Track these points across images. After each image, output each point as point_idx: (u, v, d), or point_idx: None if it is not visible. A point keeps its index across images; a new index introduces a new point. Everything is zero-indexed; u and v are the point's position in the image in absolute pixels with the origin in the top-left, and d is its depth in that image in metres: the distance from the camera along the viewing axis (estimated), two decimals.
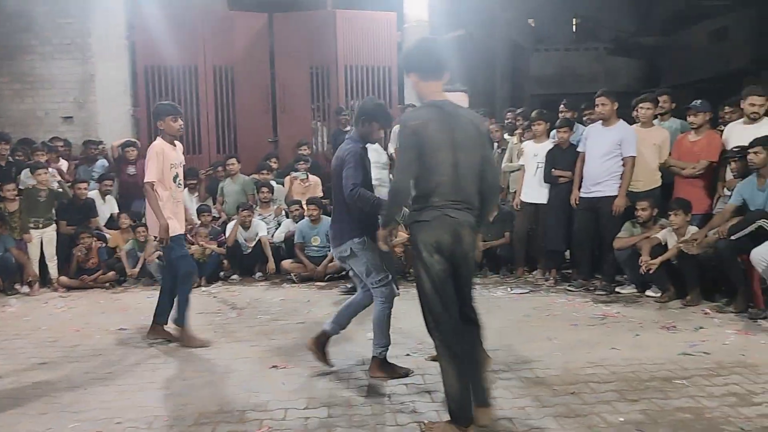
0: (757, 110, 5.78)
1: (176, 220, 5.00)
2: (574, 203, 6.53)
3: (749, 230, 5.18)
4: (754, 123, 5.79)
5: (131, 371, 4.35)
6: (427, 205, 3.15)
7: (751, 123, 5.81)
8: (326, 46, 9.61)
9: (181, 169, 5.15)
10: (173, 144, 5.05)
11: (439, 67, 3.27)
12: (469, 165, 3.19)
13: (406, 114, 3.22)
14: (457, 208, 3.16)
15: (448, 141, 3.13)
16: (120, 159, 8.79)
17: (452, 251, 3.15)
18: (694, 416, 3.33)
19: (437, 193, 3.14)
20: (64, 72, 9.38)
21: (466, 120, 3.25)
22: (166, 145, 4.98)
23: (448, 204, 3.14)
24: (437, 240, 3.13)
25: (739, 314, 5.26)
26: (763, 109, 5.80)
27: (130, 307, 6.45)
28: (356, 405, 3.62)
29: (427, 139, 3.11)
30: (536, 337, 4.86)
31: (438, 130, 3.13)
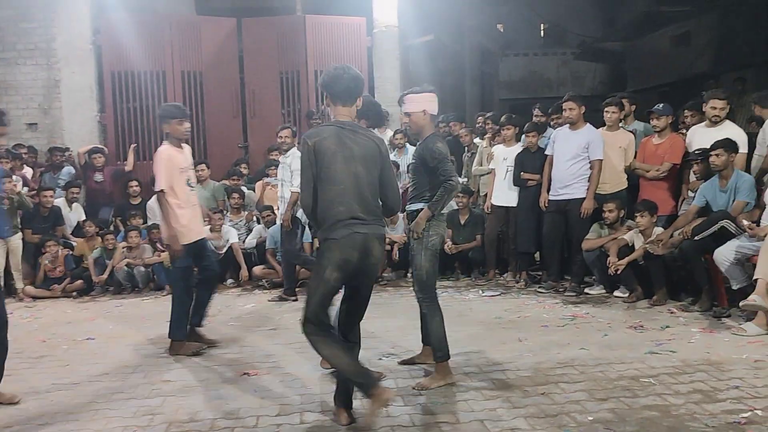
0: (718, 113, 5.92)
1: (195, 225, 4.89)
2: (543, 206, 6.61)
3: (712, 230, 5.29)
4: (715, 126, 5.92)
5: (99, 381, 4.28)
6: (336, 221, 3.25)
7: (712, 126, 5.95)
8: (296, 51, 9.59)
9: (192, 172, 5.02)
10: (180, 147, 4.88)
11: (347, 94, 3.35)
12: (370, 179, 3.34)
13: (306, 132, 3.40)
14: (365, 222, 3.28)
15: (345, 153, 3.28)
16: (87, 166, 8.65)
17: (358, 267, 3.30)
18: (661, 414, 3.39)
19: (341, 203, 3.24)
20: (29, 78, 9.21)
21: (366, 138, 3.39)
22: (173, 149, 4.81)
23: (356, 220, 3.25)
24: (345, 258, 3.26)
25: (703, 313, 5.38)
26: (724, 112, 5.95)
27: (97, 316, 6.35)
28: (329, 411, 3.60)
29: (324, 151, 3.26)
30: (507, 339, 4.91)
31: (335, 143, 3.28)
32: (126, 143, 9.25)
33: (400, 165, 8.53)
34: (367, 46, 9.86)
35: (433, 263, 3.99)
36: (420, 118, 4.06)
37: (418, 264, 3.99)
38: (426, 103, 4.05)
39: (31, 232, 7.58)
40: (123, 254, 7.41)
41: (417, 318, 5.60)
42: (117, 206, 8.48)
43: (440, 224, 4.07)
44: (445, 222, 4.26)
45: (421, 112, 4.05)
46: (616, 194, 6.39)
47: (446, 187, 3.89)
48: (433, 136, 4.04)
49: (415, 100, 4.06)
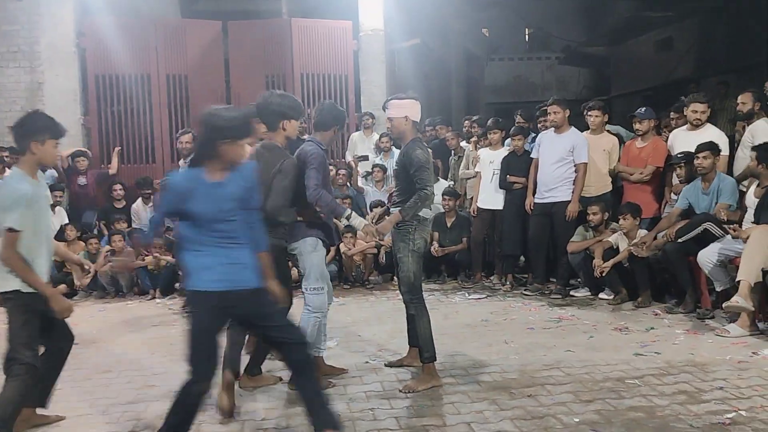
0: (699, 117, 5.99)
1: None
2: (528, 209, 6.64)
3: (695, 233, 5.34)
4: (696, 129, 5.99)
5: (81, 387, 4.23)
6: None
7: (693, 129, 6.02)
8: (282, 55, 9.56)
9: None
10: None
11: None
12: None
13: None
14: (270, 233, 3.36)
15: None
16: (70, 169, 8.56)
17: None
18: (647, 415, 3.41)
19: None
20: (11, 80, 9.09)
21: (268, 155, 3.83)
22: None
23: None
24: None
25: (687, 314, 5.42)
26: (705, 116, 6.02)
27: (81, 320, 6.26)
28: None
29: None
30: (494, 341, 4.92)
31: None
32: (110, 146, 9.16)
33: (387, 168, 8.55)
34: (353, 50, 9.86)
35: (420, 265, 4.08)
36: (401, 124, 4.10)
37: (405, 267, 4.04)
38: (409, 109, 4.09)
39: None
40: (107, 258, 7.33)
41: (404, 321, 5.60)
42: (101, 210, 8.40)
43: (425, 228, 4.12)
44: (430, 226, 4.29)
45: (403, 118, 4.09)
46: (600, 197, 6.43)
47: (420, 195, 3.94)
48: (414, 143, 4.07)
49: (398, 105, 4.11)
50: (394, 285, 7.33)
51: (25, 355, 3.23)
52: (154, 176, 8.79)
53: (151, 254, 7.32)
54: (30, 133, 3.30)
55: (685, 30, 14.53)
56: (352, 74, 9.83)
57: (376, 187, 8.48)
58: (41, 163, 3.44)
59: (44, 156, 3.37)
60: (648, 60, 15.93)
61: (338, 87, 9.71)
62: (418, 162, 3.95)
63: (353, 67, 9.83)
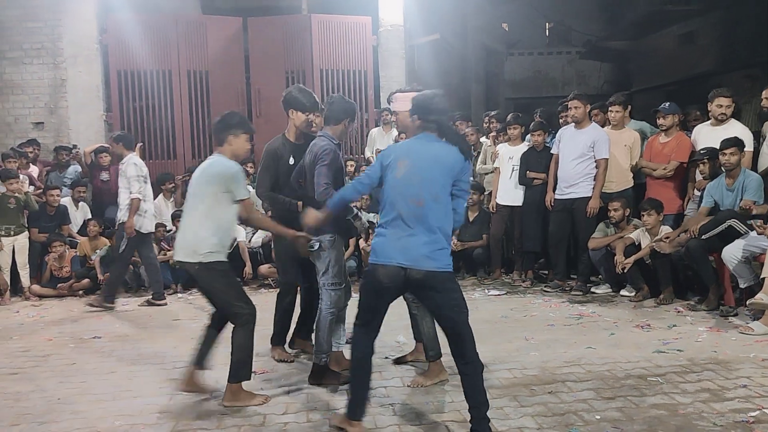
0: (723, 111, 5.90)
1: None
2: (548, 205, 6.60)
3: (720, 229, 5.28)
4: (721, 124, 5.90)
5: (106, 380, 4.29)
6: None
7: (718, 124, 5.93)
8: (302, 50, 9.59)
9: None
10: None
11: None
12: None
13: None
14: None
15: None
16: (93, 165, 8.66)
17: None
18: (669, 413, 3.38)
19: None
20: (35, 77, 9.23)
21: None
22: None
23: None
24: None
25: (710, 312, 5.37)
26: (730, 110, 5.93)
27: (103, 315, 6.36)
28: (335, 409, 3.61)
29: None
30: (513, 338, 4.90)
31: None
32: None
33: None
34: (372, 45, 9.85)
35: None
36: (406, 117, 4.06)
37: None
38: None
39: (38, 231, 7.61)
40: None
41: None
42: None
43: None
44: None
45: (408, 111, 4.06)
46: (622, 193, 6.38)
47: None
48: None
49: (403, 98, 4.05)
50: None
51: (242, 306, 3.74)
52: (176, 172, 8.88)
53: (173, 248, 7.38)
54: (227, 127, 3.81)
55: (708, 23, 14.32)
56: (372, 70, 9.82)
57: None
58: (235, 154, 3.83)
59: (238, 147, 3.82)
60: (670, 54, 15.72)
61: (357, 83, 9.71)
62: None
63: (372, 62, 9.83)
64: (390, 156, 3.30)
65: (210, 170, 3.76)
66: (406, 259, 3.08)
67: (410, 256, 3.07)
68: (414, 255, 3.07)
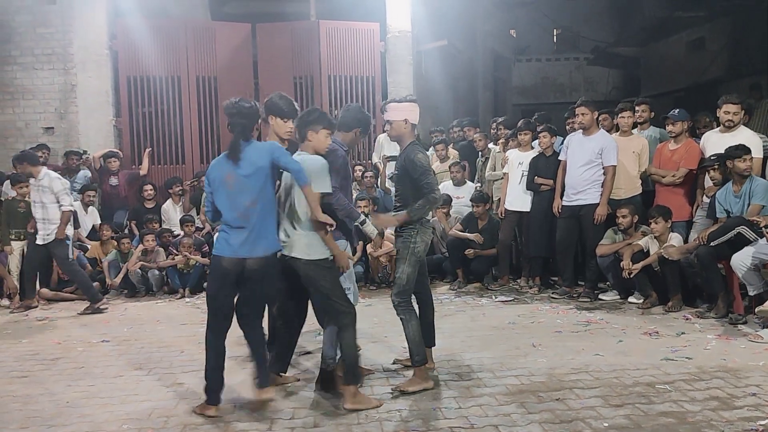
0: (731, 118, 5.88)
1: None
2: (556, 211, 6.58)
3: (729, 236, 5.25)
4: (730, 131, 5.88)
5: (113, 384, 4.31)
6: None
7: (726, 131, 5.91)
8: (310, 56, 9.63)
9: None
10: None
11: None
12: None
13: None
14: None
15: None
16: (102, 170, 8.72)
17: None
18: (678, 420, 3.37)
19: None
20: (45, 82, 9.31)
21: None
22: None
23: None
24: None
25: (719, 319, 5.33)
26: (738, 117, 5.90)
27: (112, 319, 6.39)
28: (343, 413, 3.61)
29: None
30: (521, 344, 4.89)
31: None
32: (141, 147, 9.32)
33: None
34: (380, 51, 9.88)
35: (415, 269, 4.04)
36: (401, 127, 4.09)
37: (401, 269, 4.03)
38: (407, 112, 4.08)
39: None
40: (138, 257, 7.45)
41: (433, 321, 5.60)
42: (132, 210, 8.55)
43: (426, 231, 4.09)
44: (431, 229, 4.26)
45: (402, 121, 4.08)
46: (630, 199, 6.36)
47: (429, 199, 3.94)
48: (413, 146, 4.07)
49: (397, 108, 4.10)
50: None
51: (346, 305, 3.81)
52: (184, 177, 8.93)
53: (181, 253, 7.43)
54: (305, 124, 3.87)
55: (718, 30, 14.29)
56: (380, 76, 9.85)
57: None
58: (316, 149, 3.86)
59: (318, 143, 3.86)
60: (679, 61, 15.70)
61: (365, 89, 9.74)
62: (422, 166, 3.95)
63: (380, 68, 9.85)
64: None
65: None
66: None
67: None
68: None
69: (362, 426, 3.44)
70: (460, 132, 8.91)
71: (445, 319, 5.80)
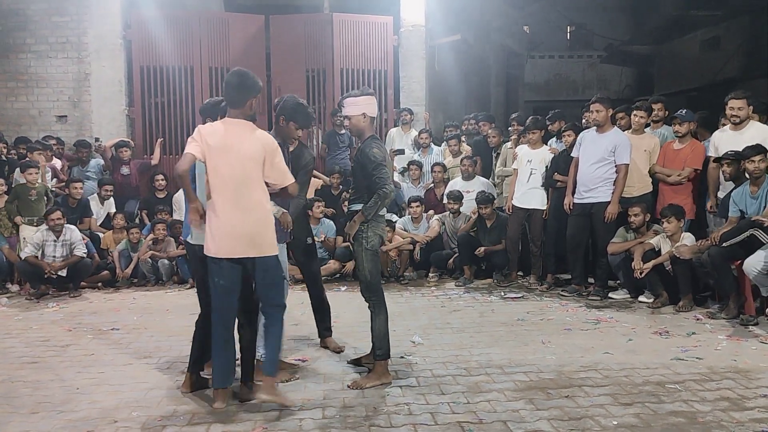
0: (736, 113, 5.85)
1: None
2: (567, 209, 6.55)
3: (741, 238, 5.21)
4: (739, 128, 5.85)
5: (123, 371, 4.33)
6: None
7: (735, 127, 5.88)
8: (323, 49, 9.62)
9: None
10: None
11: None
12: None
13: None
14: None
15: None
16: (113, 159, 8.75)
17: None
18: (688, 420, 3.35)
19: None
20: (59, 71, 9.35)
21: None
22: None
23: None
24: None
25: (730, 320, 5.29)
26: (743, 112, 5.86)
27: (122, 307, 6.42)
28: (351, 406, 3.62)
29: None
30: (530, 341, 4.88)
31: None
32: (153, 137, 9.35)
33: (423, 165, 8.52)
34: (393, 45, 9.86)
35: (375, 263, 4.05)
36: (359, 121, 4.08)
37: (360, 265, 4.04)
38: (365, 106, 4.06)
39: None
40: (149, 247, 7.48)
41: (439, 317, 5.62)
42: (143, 200, 8.58)
43: (379, 225, 4.08)
44: (385, 222, 4.25)
45: (360, 115, 4.06)
46: (641, 197, 6.32)
47: (380, 194, 3.92)
48: (371, 140, 4.05)
49: (355, 103, 4.07)
50: (429, 281, 7.33)
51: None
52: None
53: None
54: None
55: (733, 29, 14.16)
56: (392, 70, 9.82)
57: (412, 184, 8.47)
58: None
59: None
60: (693, 60, 15.59)
61: (378, 82, 9.72)
62: (376, 160, 3.92)
63: (393, 62, 9.83)
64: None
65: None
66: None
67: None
68: None
69: (370, 419, 3.44)
70: (475, 125, 8.84)
71: (453, 314, 5.80)
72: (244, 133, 3.57)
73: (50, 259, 6.95)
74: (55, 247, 6.98)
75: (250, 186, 3.54)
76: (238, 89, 3.62)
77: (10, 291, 7.15)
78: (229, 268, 3.56)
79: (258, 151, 3.55)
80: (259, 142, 3.58)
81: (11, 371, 4.36)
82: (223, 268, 3.55)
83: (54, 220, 6.94)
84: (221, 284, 3.58)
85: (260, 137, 3.60)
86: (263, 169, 3.58)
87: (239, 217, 3.51)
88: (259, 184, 3.58)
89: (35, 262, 6.88)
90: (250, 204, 3.53)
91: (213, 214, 3.52)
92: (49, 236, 6.98)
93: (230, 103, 3.65)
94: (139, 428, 3.38)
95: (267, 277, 3.64)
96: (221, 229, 3.51)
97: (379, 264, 4.12)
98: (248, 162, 3.53)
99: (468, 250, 7.25)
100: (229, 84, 3.63)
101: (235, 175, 3.50)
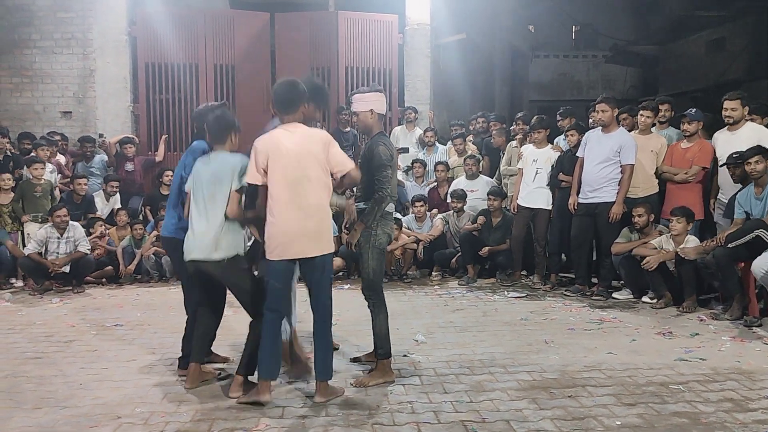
0: (730, 114, 5.89)
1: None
2: (571, 208, 6.53)
3: (746, 239, 5.20)
4: (733, 128, 5.87)
5: (127, 367, 4.34)
6: None
7: (731, 127, 5.90)
8: (328, 47, 9.62)
9: None
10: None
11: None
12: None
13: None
14: None
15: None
16: (118, 155, 8.77)
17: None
18: (691, 421, 3.34)
19: None
20: (64, 67, 9.38)
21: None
22: None
23: None
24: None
25: (734, 321, 5.28)
26: (738, 113, 5.88)
27: (125, 303, 6.43)
28: (354, 405, 3.62)
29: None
30: (533, 340, 4.87)
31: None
32: (158, 134, 9.37)
33: (427, 164, 8.51)
34: (398, 44, 9.86)
35: (380, 261, 4.03)
36: (367, 117, 4.06)
37: (365, 262, 4.01)
38: (373, 103, 4.05)
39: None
40: (152, 243, 7.50)
41: (442, 316, 5.62)
42: (147, 196, 8.59)
43: (387, 223, 4.05)
44: (393, 220, 4.21)
45: (368, 112, 4.04)
46: (647, 198, 6.31)
47: (375, 198, 3.90)
48: (379, 136, 4.03)
49: (363, 99, 4.06)
50: (432, 280, 7.33)
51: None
52: None
53: None
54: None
55: (739, 30, 14.13)
56: (397, 68, 9.82)
57: (416, 183, 8.47)
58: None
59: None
60: (698, 60, 15.56)
61: (382, 80, 9.71)
62: (380, 160, 3.90)
63: (398, 61, 9.82)
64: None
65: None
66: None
67: None
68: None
69: (373, 417, 3.44)
70: (484, 124, 8.81)
71: (457, 313, 5.80)
72: (298, 134, 3.64)
73: (54, 255, 6.96)
74: (59, 244, 7.00)
75: (308, 186, 3.59)
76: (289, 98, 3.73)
77: (14, 286, 7.17)
78: (285, 270, 3.65)
79: (318, 148, 3.62)
80: (315, 137, 3.66)
81: (14, 366, 4.37)
82: (281, 270, 3.63)
83: (60, 217, 6.96)
84: (278, 288, 3.65)
85: (314, 134, 3.68)
86: (325, 164, 3.64)
87: (299, 217, 3.56)
88: (317, 183, 3.62)
89: (38, 259, 6.89)
90: (308, 203, 3.59)
91: (271, 217, 3.58)
92: (53, 233, 6.99)
93: (283, 111, 3.73)
94: (142, 424, 3.38)
95: (324, 278, 3.71)
96: (280, 230, 3.57)
97: (384, 263, 4.11)
98: (308, 161, 3.59)
99: (470, 249, 7.25)
100: (276, 93, 3.77)
101: (294, 176, 3.56)
